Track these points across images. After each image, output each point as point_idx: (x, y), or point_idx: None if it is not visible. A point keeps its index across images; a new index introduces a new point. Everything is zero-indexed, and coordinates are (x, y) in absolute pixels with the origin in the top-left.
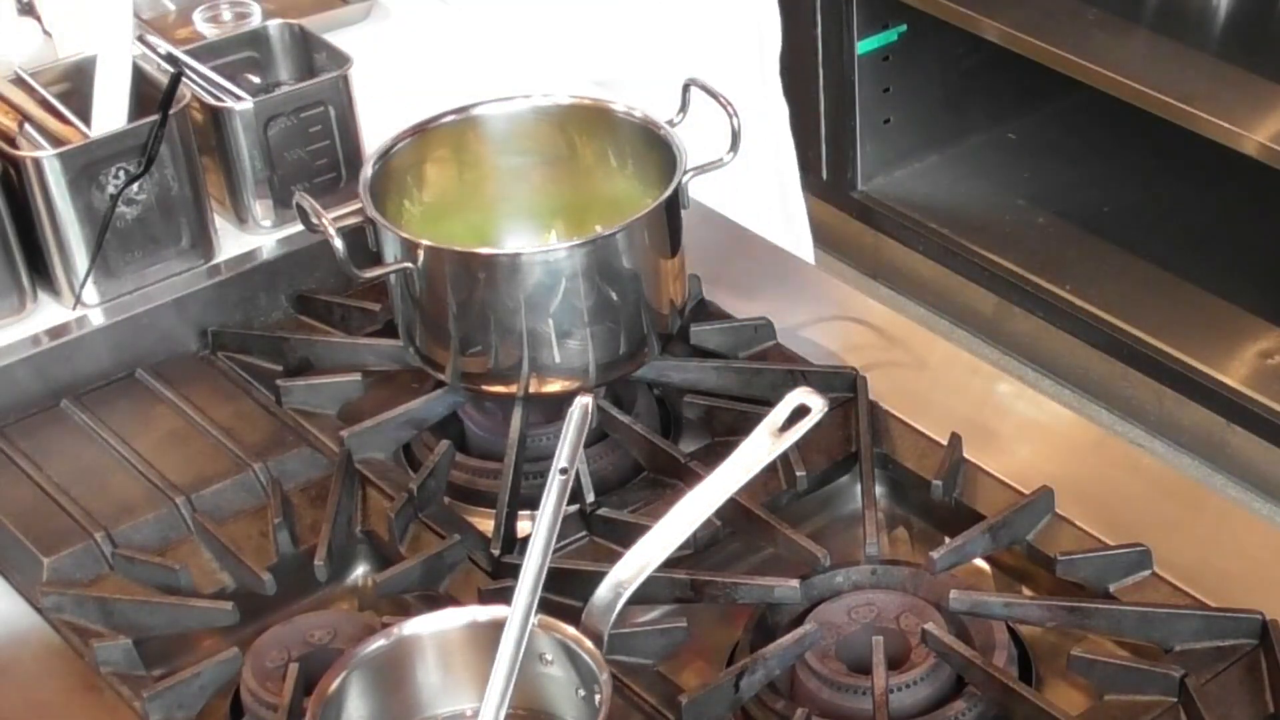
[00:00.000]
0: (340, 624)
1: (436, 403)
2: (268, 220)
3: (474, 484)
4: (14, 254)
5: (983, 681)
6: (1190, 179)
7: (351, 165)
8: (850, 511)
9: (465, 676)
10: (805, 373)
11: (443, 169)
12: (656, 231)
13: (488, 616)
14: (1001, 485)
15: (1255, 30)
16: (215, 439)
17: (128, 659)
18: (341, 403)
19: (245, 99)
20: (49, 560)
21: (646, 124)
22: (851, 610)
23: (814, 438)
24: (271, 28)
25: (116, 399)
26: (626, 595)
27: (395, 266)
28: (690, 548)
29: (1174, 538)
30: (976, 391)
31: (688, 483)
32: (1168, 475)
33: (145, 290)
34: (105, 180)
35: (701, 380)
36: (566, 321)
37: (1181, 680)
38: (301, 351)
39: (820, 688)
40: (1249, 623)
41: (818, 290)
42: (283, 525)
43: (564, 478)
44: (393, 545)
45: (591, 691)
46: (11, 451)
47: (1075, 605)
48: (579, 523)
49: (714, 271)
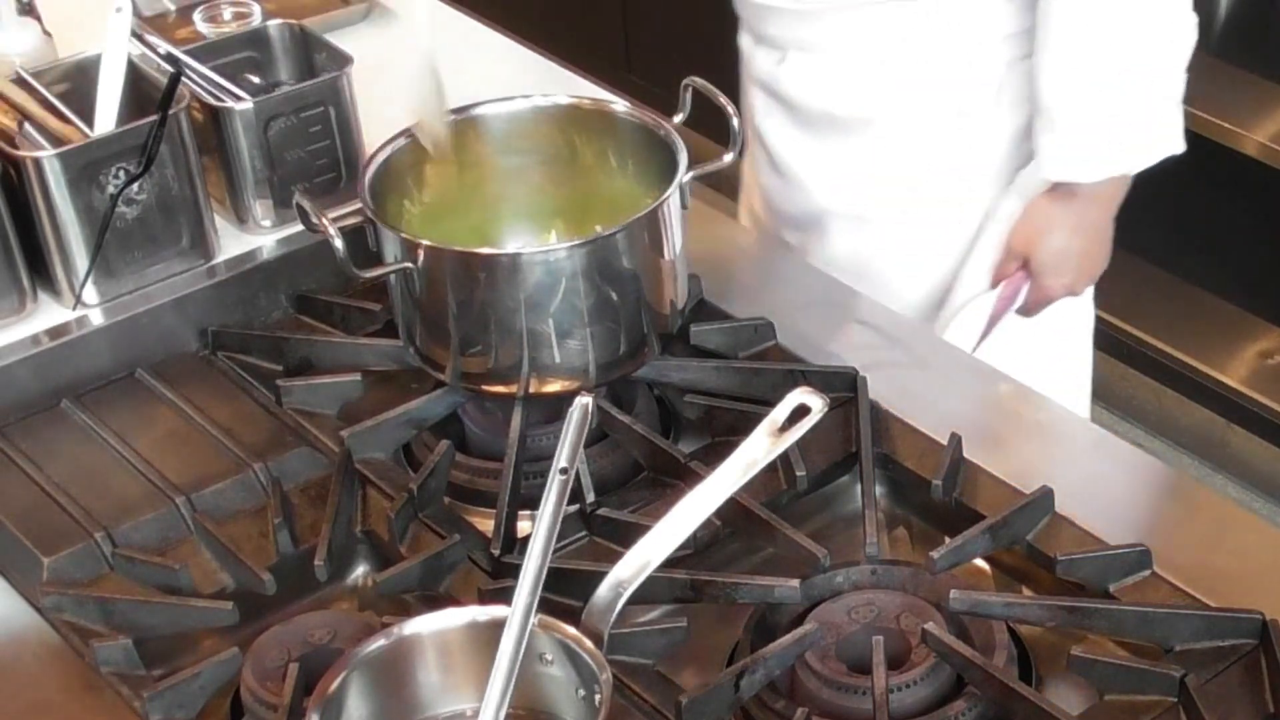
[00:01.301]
0: (340, 624)
1: (436, 403)
2: (268, 220)
3: (474, 484)
4: (14, 254)
5: (983, 681)
6: (1190, 179)
7: (351, 165)
8: (850, 511)
9: (465, 676)
10: (805, 373)
11: (443, 169)
12: (656, 231)
13: (488, 616)
14: (1001, 485)
15: (1255, 30)
16: (215, 439)
17: (128, 659)
18: (341, 403)
19: (245, 99)
20: (49, 560)
21: (646, 124)
22: (851, 610)
23: (814, 438)
24: (271, 28)
25: (116, 399)
26: (626, 595)
27: (395, 266)
28: (690, 548)
29: (1174, 538)
30: (976, 391)
31: (688, 483)
32: (1168, 475)
33: (145, 290)
34: (105, 180)
35: (701, 380)
36: (566, 321)
37: (1181, 680)
38: (301, 351)
39: (820, 688)
40: (1249, 623)
41: (818, 290)
42: (283, 525)
43: (564, 478)
44: (393, 545)
45: (591, 691)
46: (11, 451)
47: (1075, 605)
48: (579, 523)
49: (714, 271)
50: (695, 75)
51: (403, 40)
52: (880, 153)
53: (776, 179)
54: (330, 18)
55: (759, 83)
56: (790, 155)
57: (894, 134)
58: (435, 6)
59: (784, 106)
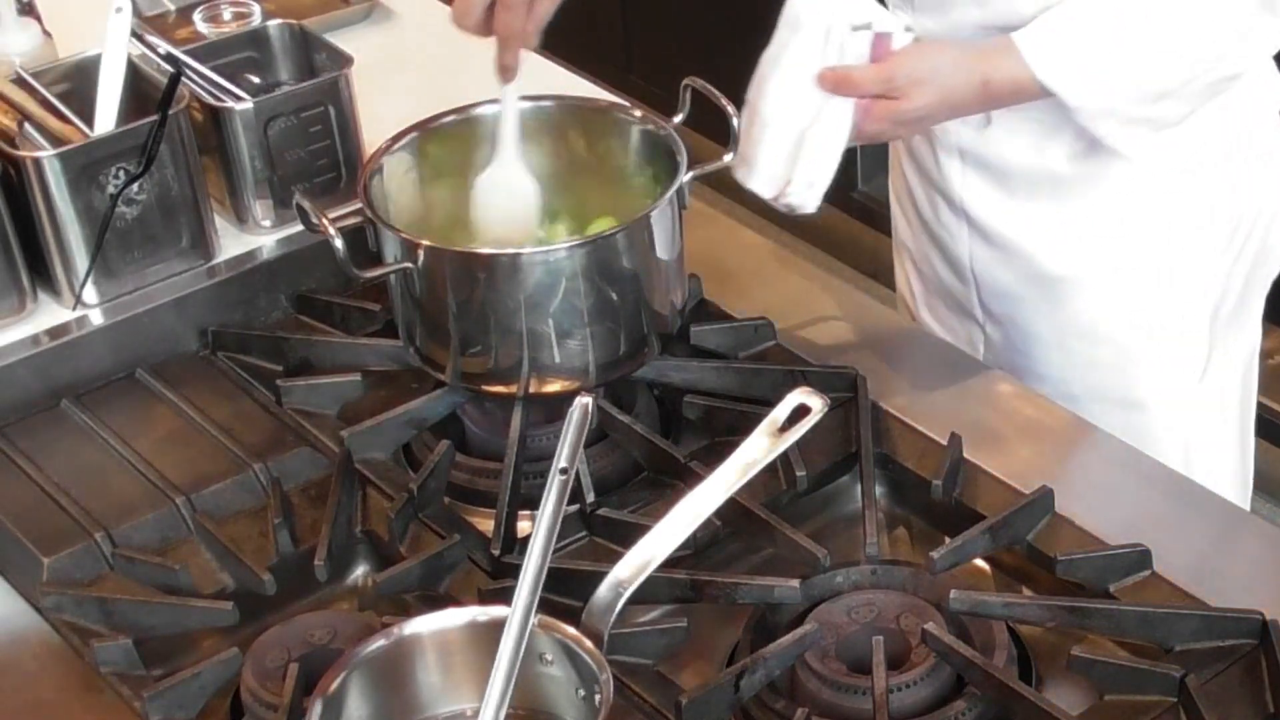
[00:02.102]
0: (340, 624)
1: (436, 403)
2: (268, 220)
3: (474, 484)
4: (14, 254)
5: (983, 681)
6: None
7: (351, 165)
8: (850, 511)
9: (465, 676)
10: (805, 373)
11: (443, 168)
12: (656, 231)
13: (488, 616)
14: (1001, 485)
15: None
16: (215, 439)
17: (128, 659)
18: (341, 403)
19: (245, 99)
20: (49, 560)
21: (647, 124)
22: (851, 610)
23: (814, 438)
24: (271, 28)
25: (116, 399)
26: (626, 595)
27: (395, 266)
28: (690, 548)
29: (1174, 538)
30: (976, 391)
31: (688, 483)
32: (1168, 475)
33: (145, 290)
34: (105, 180)
35: (701, 380)
36: (566, 322)
37: (1181, 680)
38: (301, 351)
39: (820, 688)
40: (1249, 623)
41: (818, 290)
42: (283, 525)
43: (564, 478)
44: (393, 545)
45: (591, 691)
46: (11, 451)
47: (1075, 605)
48: (579, 523)
49: (714, 271)
50: (695, 75)
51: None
52: (1113, 209)
53: (987, 249)
54: (330, 18)
55: (955, 150)
56: (1002, 224)
57: (1127, 188)
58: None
59: (991, 173)
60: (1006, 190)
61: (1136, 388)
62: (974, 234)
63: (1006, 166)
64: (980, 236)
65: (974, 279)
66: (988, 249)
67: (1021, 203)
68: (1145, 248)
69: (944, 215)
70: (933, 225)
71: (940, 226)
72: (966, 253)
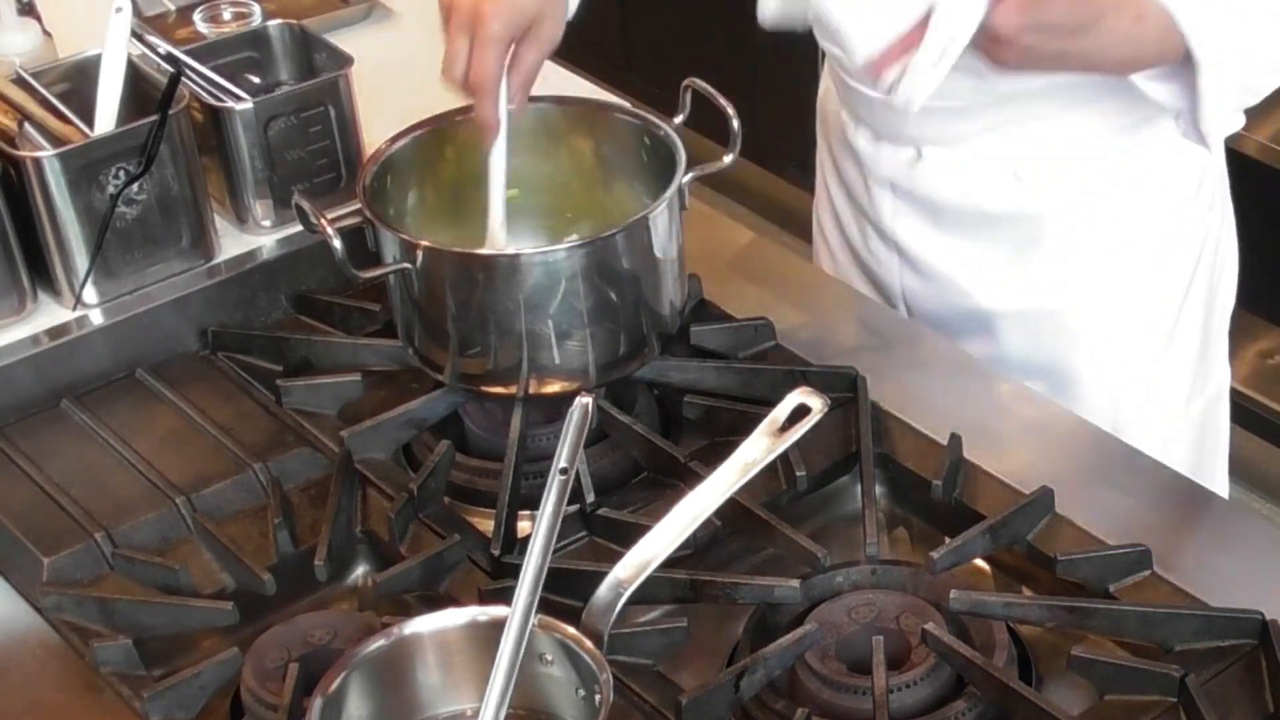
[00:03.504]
0: (340, 624)
1: (436, 403)
2: (268, 220)
3: (474, 484)
4: (14, 254)
5: (983, 681)
6: None
7: (351, 165)
8: (850, 511)
9: (465, 676)
10: (805, 373)
11: (442, 169)
12: (656, 231)
13: (488, 616)
14: (1001, 485)
15: None
16: (215, 439)
17: (128, 659)
18: (341, 403)
19: (245, 99)
20: (49, 560)
21: (647, 124)
22: (851, 610)
23: (814, 438)
24: (271, 28)
25: (116, 399)
26: (626, 595)
27: (394, 267)
28: (690, 548)
29: (1174, 538)
30: (976, 391)
31: (688, 483)
32: (1168, 475)
33: (145, 290)
34: (105, 180)
35: (701, 380)
36: (566, 322)
37: (1181, 680)
38: (301, 351)
39: (820, 688)
40: (1249, 623)
41: (818, 290)
42: (283, 525)
43: (564, 478)
44: (393, 545)
45: (591, 691)
46: (11, 451)
47: (1075, 605)
48: (579, 523)
49: (714, 271)
50: (695, 75)
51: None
52: (1045, 247)
53: (919, 281)
54: (330, 18)
55: (887, 183)
56: (933, 256)
57: (1060, 225)
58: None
59: (922, 206)
60: (938, 225)
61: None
62: (904, 265)
63: (937, 201)
64: (911, 268)
65: (906, 309)
66: (919, 280)
67: (953, 237)
68: (1076, 284)
69: (874, 246)
70: (863, 254)
71: (870, 255)
72: (898, 284)
